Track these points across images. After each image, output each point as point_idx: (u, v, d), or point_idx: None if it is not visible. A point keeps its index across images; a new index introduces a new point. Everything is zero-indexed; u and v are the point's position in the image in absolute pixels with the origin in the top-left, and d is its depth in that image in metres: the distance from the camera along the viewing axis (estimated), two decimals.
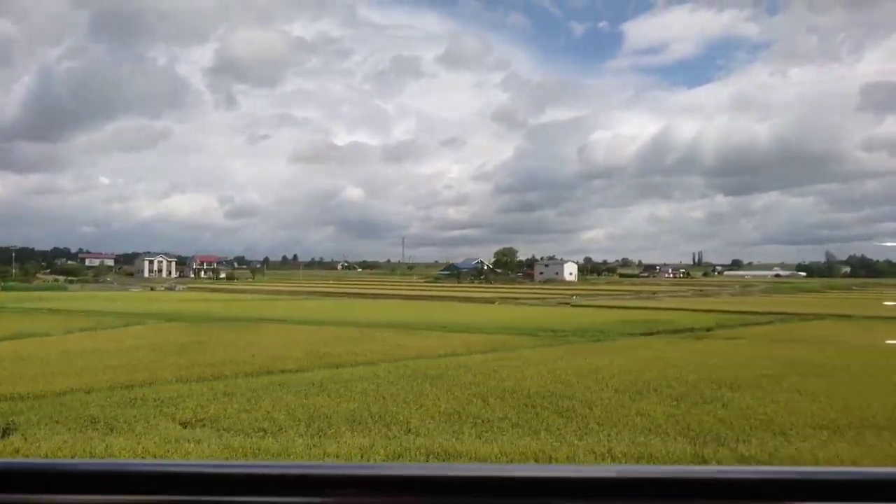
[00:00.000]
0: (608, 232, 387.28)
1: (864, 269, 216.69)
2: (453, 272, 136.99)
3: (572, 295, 65.05)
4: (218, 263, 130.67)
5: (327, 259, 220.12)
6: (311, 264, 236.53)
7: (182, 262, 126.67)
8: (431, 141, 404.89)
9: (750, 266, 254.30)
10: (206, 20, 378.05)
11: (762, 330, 29.17)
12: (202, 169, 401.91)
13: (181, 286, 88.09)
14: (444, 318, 34.31)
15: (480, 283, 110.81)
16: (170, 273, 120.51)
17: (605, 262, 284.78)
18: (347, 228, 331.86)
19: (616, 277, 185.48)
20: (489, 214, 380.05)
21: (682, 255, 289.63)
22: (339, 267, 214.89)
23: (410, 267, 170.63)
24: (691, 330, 28.16)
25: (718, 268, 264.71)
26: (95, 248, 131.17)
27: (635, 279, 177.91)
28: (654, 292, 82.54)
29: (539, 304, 50.85)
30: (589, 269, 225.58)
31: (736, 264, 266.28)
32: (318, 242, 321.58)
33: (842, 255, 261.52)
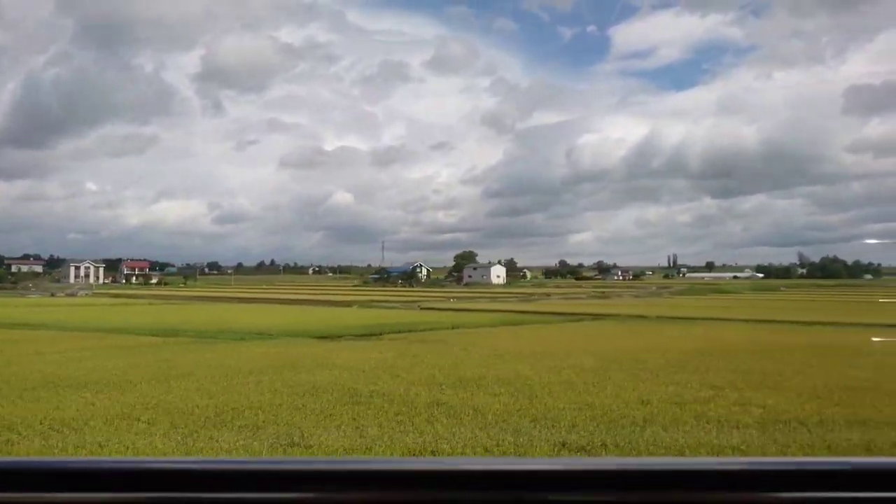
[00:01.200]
0: (597, 235, 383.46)
1: (821, 270, 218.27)
2: (383, 276, 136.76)
3: (450, 297, 64.74)
4: (156, 268, 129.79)
5: (304, 264, 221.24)
6: (288, 269, 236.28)
7: (112, 268, 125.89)
8: (420, 145, 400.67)
9: (723, 268, 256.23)
10: (194, 27, 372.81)
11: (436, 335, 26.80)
12: (190, 175, 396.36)
13: (84, 292, 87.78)
14: (199, 319, 34.12)
15: (405, 286, 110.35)
16: (97, 279, 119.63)
17: (580, 266, 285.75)
18: (337, 233, 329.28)
19: (572, 280, 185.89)
20: (478, 218, 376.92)
21: (674, 256, 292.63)
22: (310, 272, 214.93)
23: (342, 271, 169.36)
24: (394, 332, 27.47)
25: (684, 270, 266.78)
26: (83, 255, 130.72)
27: (584, 281, 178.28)
28: (564, 294, 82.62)
29: (395, 308, 50.39)
30: (564, 272, 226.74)
31: (709, 266, 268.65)
32: (309, 248, 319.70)
33: (827, 256, 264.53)
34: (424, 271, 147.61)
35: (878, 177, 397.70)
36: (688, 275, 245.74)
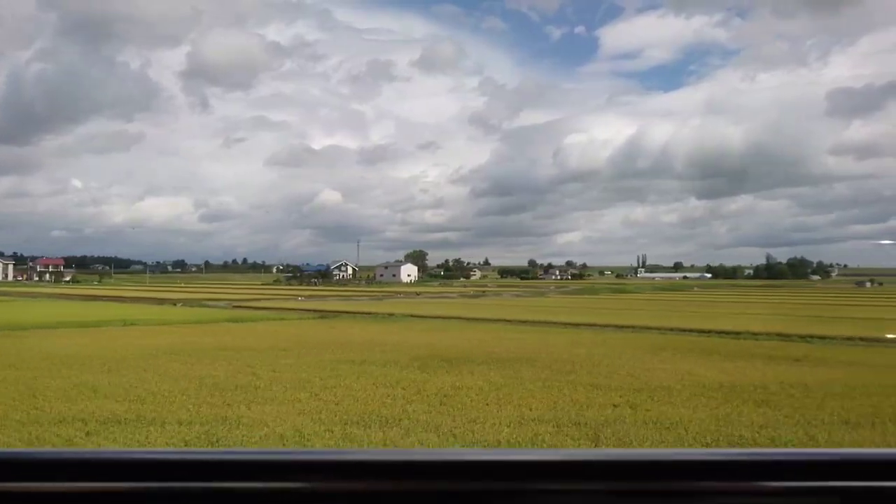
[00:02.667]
0: (585, 235, 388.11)
1: (767, 270, 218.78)
2: (296, 274, 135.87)
3: (298, 297, 64.02)
4: (75, 265, 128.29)
5: (293, 263, 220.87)
6: (258, 268, 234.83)
7: (23, 265, 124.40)
8: (408, 144, 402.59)
9: (692, 268, 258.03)
10: (179, 24, 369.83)
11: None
12: (177, 172, 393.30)
13: None
14: None
15: (311, 285, 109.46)
16: (6, 276, 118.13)
17: (549, 265, 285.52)
18: (325, 232, 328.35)
19: (514, 280, 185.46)
20: (467, 218, 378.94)
21: (657, 257, 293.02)
22: (275, 270, 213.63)
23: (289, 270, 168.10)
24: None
25: (641, 269, 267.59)
26: (68, 252, 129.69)
27: (519, 280, 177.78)
28: (442, 294, 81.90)
29: (206, 307, 49.62)
30: (522, 271, 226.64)
31: (676, 267, 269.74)
32: (297, 246, 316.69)
33: (815, 257, 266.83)
34: (350, 269, 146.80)
35: (860, 178, 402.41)
36: (643, 274, 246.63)
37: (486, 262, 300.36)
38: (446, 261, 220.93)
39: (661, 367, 17.16)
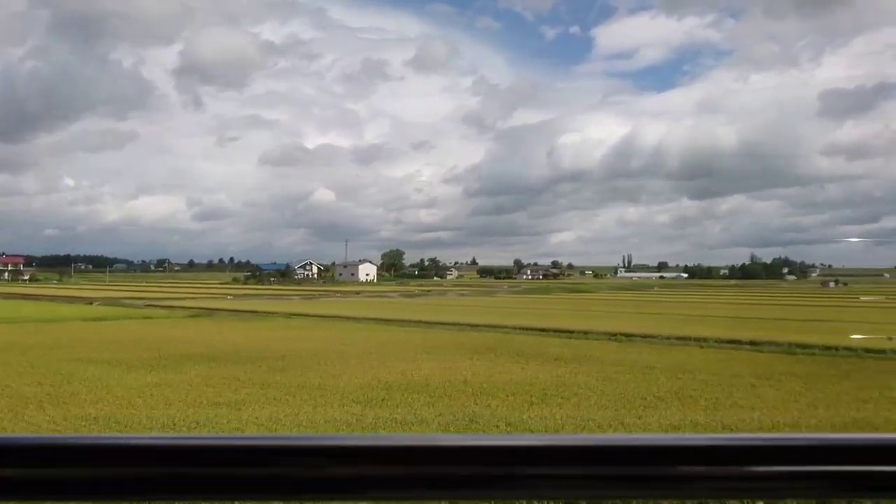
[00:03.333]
0: (578, 235, 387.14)
1: (741, 271, 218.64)
2: (254, 274, 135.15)
3: (244, 294, 63.61)
4: (30, 263, 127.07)
5: (282, 261, 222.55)
6: (238, 266, 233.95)
7: None
8: (402, 144, 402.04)
9: (676, 268, 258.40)
10: (172, 22, 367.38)
11: None
12: (170, 171, 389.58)
13: None
14: None
15: (271, 284, 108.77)
16: None
17: (535, 265, 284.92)
18: (318, 231, 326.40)
19: (488, 280, 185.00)
20: (461, 217, 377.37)
21: (651, 257, 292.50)
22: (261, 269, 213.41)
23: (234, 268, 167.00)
24: None
25: (622, 270, 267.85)
26: (60, 250, 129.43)
27: (494, 279, 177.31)
28: (381, 293, 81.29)
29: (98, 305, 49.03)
30: (500, 271, 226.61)
31: (659, 267, 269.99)
32: (290, 245, 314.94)
33: (806, 258, 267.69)
34: (315, 269, 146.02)
35: (851, 179, 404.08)
36: (622, 274, 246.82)
37: (474, 262, 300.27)
38: (421, 260, 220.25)
39: (403, 366, 16.53)
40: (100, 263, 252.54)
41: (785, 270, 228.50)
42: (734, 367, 16.80)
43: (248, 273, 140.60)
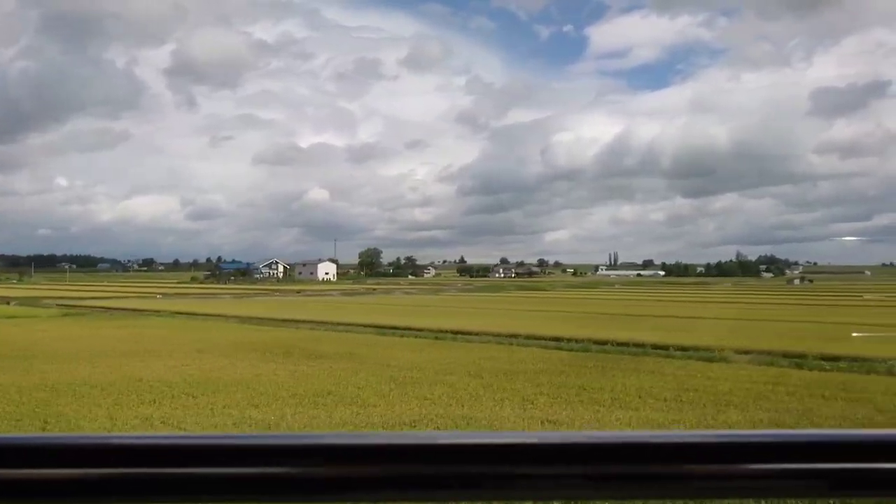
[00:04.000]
0: (573, 233, 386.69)
1: (717, 268, 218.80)
2: (214, 273, 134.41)
3: (177, 294, 62.95)
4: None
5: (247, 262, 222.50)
6: (229, 265, 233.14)
7: None
8: (396, 143, 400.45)
9: (654, 266, 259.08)
10: (164, 22, 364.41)
11: None
12: (163, 171, 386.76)
13: None
14: None
15: (230, 283, 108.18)
16: None
17: (521, 263, 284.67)
18: (313, 230, 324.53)
19: (460, 278, 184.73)
20: (455, 216, 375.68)
21: (644, 255, 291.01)
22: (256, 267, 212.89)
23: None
24: None
25: (603, 268, 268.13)
26: (56, 250, 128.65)
27: (464, 277, 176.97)
28: (322, 292, 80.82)
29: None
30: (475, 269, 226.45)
31: (645, 265, 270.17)
32: (285, 244, 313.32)
33: (799, 256, 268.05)
34: (281, 267, 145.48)
35: (844, 177, 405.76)
36: (601, 272, 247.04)
37: (462, 260, 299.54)
38: (398, 259, 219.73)
39: (142, 364, 16.08)
40: (85, 263, 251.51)
41: (763, 268, 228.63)
42: (487, 364, 16.39)
43: (208, 272, 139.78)
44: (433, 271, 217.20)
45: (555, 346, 21.39)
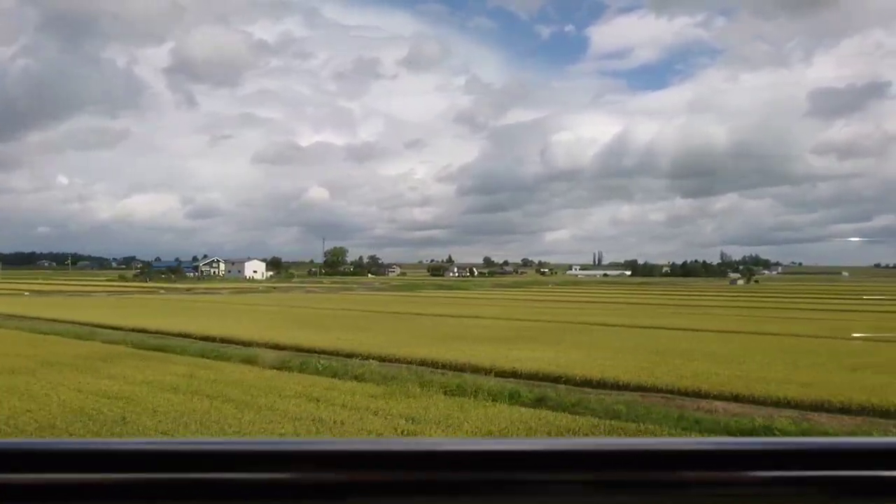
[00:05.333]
0: (572, 233, 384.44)
1: (682, 268, 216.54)
2: (143, 270, 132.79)
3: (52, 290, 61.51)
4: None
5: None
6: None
7: None
8: (395, 142, 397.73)
9: (643, 266, 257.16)
10: (164, 21, 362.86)
11: None
12: (163, 169, 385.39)
13: None
14: None
15: (151, 281, 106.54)
16: None
17: (505, 263, 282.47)
18: (312, 229, 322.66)
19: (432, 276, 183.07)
20: (454, 215, 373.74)
21: (640, 255, 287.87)
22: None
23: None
24: None
25: (576, 267, 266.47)
26: (55, 248, 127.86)
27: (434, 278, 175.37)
28: (239, 290, 78.99)
29: None
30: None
31: (627, 265, 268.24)
32: (284, 243, 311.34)
33: (798, 256, 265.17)
34: (222, 265, 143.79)
35: (842, 178, 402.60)
36: (570, 272, 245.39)
37: (450, 260, 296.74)
38: (360, 257, 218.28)
39: None
40: (63, 261, 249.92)
41: (737, 269, 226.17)
42: None
43: (138, 269, 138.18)
44: (398, 270, 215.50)
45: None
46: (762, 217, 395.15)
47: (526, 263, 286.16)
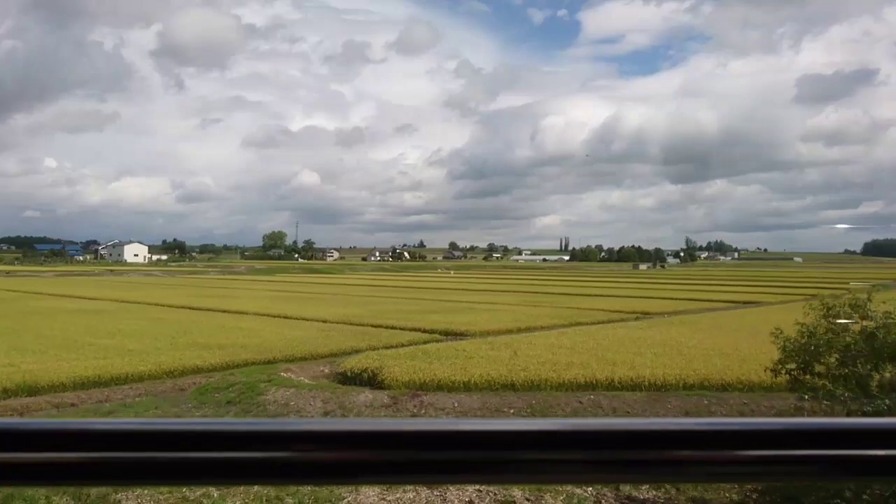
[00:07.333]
0: (563, 218, 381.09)
1: (618, 254, 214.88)
2: (26, 254, 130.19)
3: None
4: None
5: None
6: (202, 249, 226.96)
7: None
8: (386, 126, 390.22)
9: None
10: (151, 3, 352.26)
11: None
12: (152, 153, 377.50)
13: None
14: None
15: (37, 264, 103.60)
16: None
17: (471, 248, 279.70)
18: (303, 213, 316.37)
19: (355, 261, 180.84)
20: (445, 200, 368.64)
21: (634, 240, 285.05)
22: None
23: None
24: None
25: (527, 252, 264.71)
26: (44, 232, 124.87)
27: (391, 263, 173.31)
28: (116, 277, 75.96)
29: None
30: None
31: (609, 252, 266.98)
32: (274, 227, 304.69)
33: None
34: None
35: (831, 164, 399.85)
36: (522, 256, 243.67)
37: (421, 245, 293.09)
38: (295, 241, 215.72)
39: None
40: (22, 244, 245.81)
41: (677, 254, 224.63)
42: None
43: (20, 254, 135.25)
44: (336, 255, 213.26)
45: None
46: (752, 203, 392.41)
47: (508, 250, 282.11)
